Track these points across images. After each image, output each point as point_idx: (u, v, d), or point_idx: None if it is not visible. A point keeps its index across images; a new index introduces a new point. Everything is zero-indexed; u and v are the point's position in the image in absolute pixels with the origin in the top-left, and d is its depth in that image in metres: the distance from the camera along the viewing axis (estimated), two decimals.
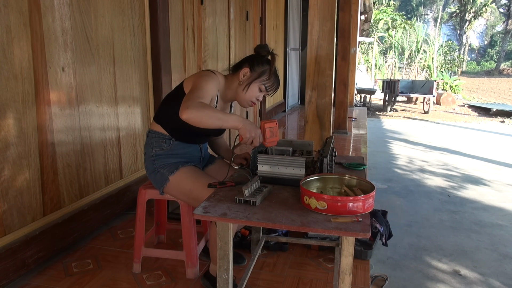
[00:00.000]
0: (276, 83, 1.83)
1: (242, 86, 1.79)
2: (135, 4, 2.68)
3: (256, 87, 1.79)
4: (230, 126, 1.57)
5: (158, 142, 1.83)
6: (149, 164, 1.86)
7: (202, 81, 1.69)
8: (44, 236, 2.02)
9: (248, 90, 1.79)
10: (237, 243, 2.24)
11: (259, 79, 1.78)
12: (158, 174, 1.82)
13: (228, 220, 1.27)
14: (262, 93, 1.82)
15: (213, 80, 1.73)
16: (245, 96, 1.80)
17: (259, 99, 1.83)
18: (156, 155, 1.83)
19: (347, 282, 1.26)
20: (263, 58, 1.81)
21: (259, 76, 1.78)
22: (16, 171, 1.86)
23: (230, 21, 4.27)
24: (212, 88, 1.70)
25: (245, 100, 1.82)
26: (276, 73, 1.83)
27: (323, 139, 2.44)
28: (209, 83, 1.70)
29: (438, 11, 32.57)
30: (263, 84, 1.79)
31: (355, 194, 1.39)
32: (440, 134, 8.33)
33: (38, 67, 1.94)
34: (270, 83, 1.80)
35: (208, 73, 1.76)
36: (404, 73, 19.62)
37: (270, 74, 1.79)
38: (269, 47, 1.84)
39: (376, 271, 2.62)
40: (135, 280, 1.93)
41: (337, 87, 5.51)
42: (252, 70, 1.78)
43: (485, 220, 3.73)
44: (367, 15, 12.14)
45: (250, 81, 1.78)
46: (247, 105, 1.85)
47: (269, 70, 1.79)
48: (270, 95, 1.86)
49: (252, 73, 1.78)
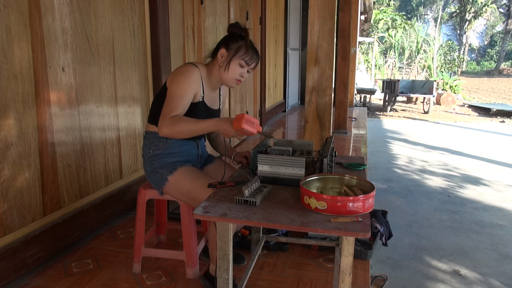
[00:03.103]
0: (255, 55, 1.82)
1: (223, 67, 1.81)
2: (135, 4, 2.68)
3: (236, 64, 1.79)
4: (208, 132, 1.67)
5: (155, 142, 1.84)
6: (147, 165, 1.86)
7: (176, 86, 1.72)
8: (44, 236, 2.02)
9: (229, 69, 1.80)
10: (237, 243, 2.24)
11: (237, 55, 1.79)
12: (157, 174, 1.82)
13: (228, 220, 1.27)
14: (245, 68, 1.82)
15: (190, 76, 1.75)
16: (228, 76, 1.81)
17: (244, 75, 1.84)
18: (154, 155, 1.84)
19: (347, 282, 1.26)
20: (236, 35, 1.82)
21: (236, 52, 1.79)
22: (16, 171, 1.87)
23: (230, 21, 4.26)
24: (189, 86, 1.73)
25: (230, 80, 1.83)
26: (253, 46, 1.82)
27: (323, 139, 2.44)
28: (184, 84, 1.72)
29: (438, 11, 32.59)
30: (242, 59, 1.79)
31: (355, 194, 1.39)
32: (440, 134, 8.33)
33: (38, 67, 1.94)
34: (249, 56, 1.80)
35: (186, 69, 1.77)
36: (404, 73, 19.62)
37: (247, 48, 1.79)
38: (240, 24, 1.84)
39: (376, 271, 2.62)
40: (135, 280, 1.93)
41: (337, 87, 5.50)
42: (228, 49, 1.80)
43: (485, 220, 3.73)
44: (367, 15, 12.14)
45: (229, 60, 1.79)
46: (234, 84, 1.85)
47: (245, 44, 1.79)
48: (253, 68, 1.85)
49: (229, 52, 1.79)
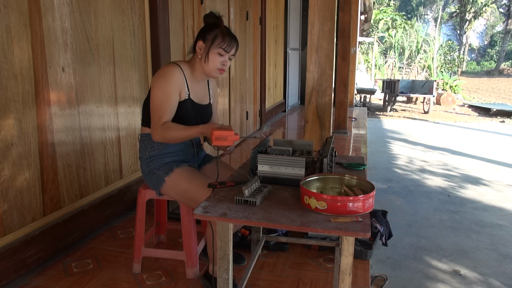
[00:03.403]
0: (232, 40, 1.80)
1: (203, 59, 1.80)
2: (135, 4, 2.68)
3: (214, 53, 1.78)
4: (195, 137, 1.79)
5: (150, 144, 1.85)
6: (144, 167, 1.87)
7: (159, 91, 1.75)
8: (44, 236, 2.02)
9: (208, 60, 1.79)
10: (237, 243, 2.24)
11: (214, 45, 1.77)
12: (154, 176, 1.83)
13: (228, 220, 1.27)
14: (225, 56, 1.80)
15: (171, 77, 1.76)
16: (209, 67, 1.81)
17: (225, 63, 1.82)
18: (150, 157, 1.84)
19: (347, 282, 1.26)
20: (211, 25, 1.81)
21: (213, 42, 1.77)
22: (16, 171, 1.87)
23: (230, 21, 4.26)
24: (172, 88, 1.75)
25: (212, 70, 1.82)
26: (229, 32, 1.81)
27: (323, 139, 2.44)
28: (166, 87, 1.74)
29: (438, 11, 32.57)
30: (220, 47, 1.77)
31: (355, 194, 1.39)
32: (440, 134, 8.33)
33: (38, 67, 1.94)
34: (226, 43, 1.78)
35: (166, 71, 1.78)
36: (404, 73, 19.61)
37: (223, 35, 1.77)
38: (215, 12, 1.83)
39: (376, 271, 2.62)
40: (135, 280, 1.93)
41: (337, 87, 5.50)
42: (205, 41, 1.79)
43: (485, 220, 3.73)
44: (367, 15, 12.14)
45: (207, 51, 1.79)
46: (217, 74, 1.84)
47: (220, 32, 1.78)
48: (233, 54, 1.83)
49: (206, 43, 1.79)
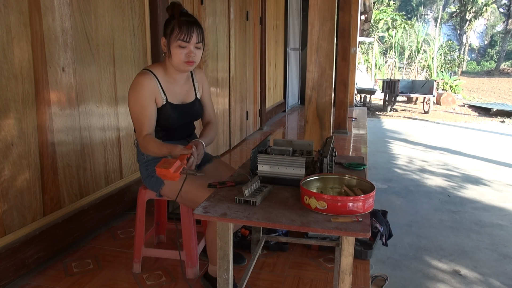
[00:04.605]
0: (191, 28, 1.69)
1: (168, 55, 1.75)
2: (135, 4, 2.68)
3: (175, 47, 1.70)
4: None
5: None
6: (143, 170, 1.88)
7: (133, 104, 1.74)
8: (44, 236, 2.02)
9: (172, 55, 1.72)
10: (237, 243, 2.24)
11: (172, 38, 1.70)
12: (153, 179, 1.84)
13: (228, 220, 1.27)
14: (188, 47, 1.71)
15: (141, 87, 1.72)
16: (175, 62, 1.73)
17: (190, 54, 1.72)
18: (148, 160, 1.85)
19: (347, 282, 1.26)
20: (170, 18, 1.74)
21: (171, 35, 1.70)
22: (16, 171, 1.87)
23: (230, 21, 4.26)
24: (144, 97, 1.72)
25: (179, 65, 1.74)
26: (186, 21, 1.69)
27: (323, 139, 2.44)
28: (138, 98, 1.72)
29: (438, 11, 32.57)
30: (178, 39, 1.69)
31: (355, 194, 1.39)
32: (440, 134, 8.33)
33: (38, 67, 1.94)
34: (183, 33, 1.68)
35: (136, 81, 1.74)
36: (404, 73, 19.60)
37: (179, 26, 1.68)
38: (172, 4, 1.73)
39: (376, 271, 2.62)
40: (135, 280, 1.93)
41: (337, 87, 5.50)
42: (165, 36, 1.74)
43: (485, 220, 3.73)
44: (367, 15, 12.14)
45: (168, 46, 1.73)
46: (186, 67, 1.76)
47: (176, 23, 1.69)
48: (197, 42, 1.72)
49: (167, 38, 1.73)
